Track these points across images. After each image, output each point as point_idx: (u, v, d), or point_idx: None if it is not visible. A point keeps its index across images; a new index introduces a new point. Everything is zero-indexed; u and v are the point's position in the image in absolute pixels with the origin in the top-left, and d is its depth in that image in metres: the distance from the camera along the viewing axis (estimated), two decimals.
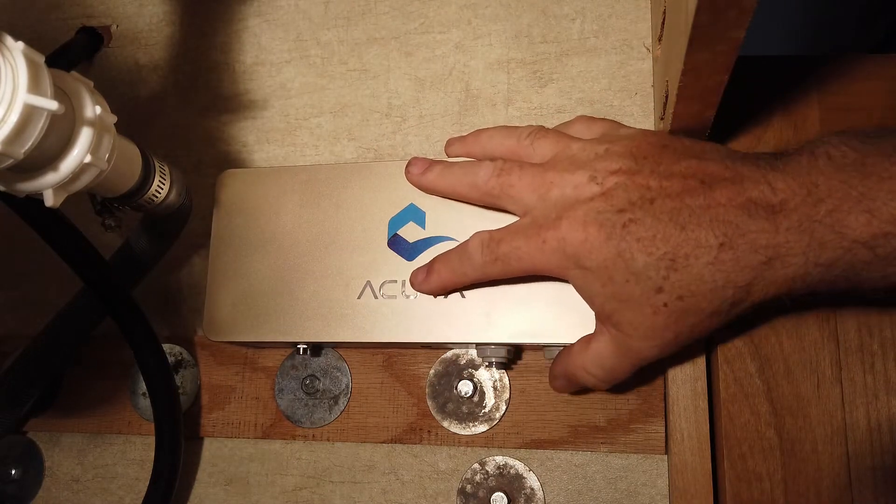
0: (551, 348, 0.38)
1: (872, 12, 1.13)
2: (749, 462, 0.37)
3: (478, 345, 0.38)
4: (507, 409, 0.40)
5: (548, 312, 0.37)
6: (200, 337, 0.45)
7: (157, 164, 0.39)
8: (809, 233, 0.29)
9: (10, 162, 0.28)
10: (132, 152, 0.37)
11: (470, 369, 0.41)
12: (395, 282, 0.39)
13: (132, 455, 0.45)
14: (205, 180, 0.46)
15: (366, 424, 0.42)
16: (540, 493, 0.39)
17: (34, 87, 0.27)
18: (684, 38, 0.28)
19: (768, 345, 0.38)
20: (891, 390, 0.36)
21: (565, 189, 0.33)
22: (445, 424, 0.41)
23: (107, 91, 0.35)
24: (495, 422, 0.40)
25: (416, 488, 0.41)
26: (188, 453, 0.44)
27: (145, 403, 0.44)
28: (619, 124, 0.37)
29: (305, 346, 0.40)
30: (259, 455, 0.43)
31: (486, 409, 0.40)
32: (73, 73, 0.33)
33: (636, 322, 0.32)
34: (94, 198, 0.38)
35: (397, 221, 0.39)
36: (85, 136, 0.31)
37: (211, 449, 0.44)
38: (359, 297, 0.39)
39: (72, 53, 0.48)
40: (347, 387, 0.42)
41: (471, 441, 0.40)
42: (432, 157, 0.40)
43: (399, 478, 0.41)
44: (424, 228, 0.39)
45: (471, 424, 0.40)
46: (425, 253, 0.39)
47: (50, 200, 0.31)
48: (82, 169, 0.31)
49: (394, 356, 0.42)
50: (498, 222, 0.37)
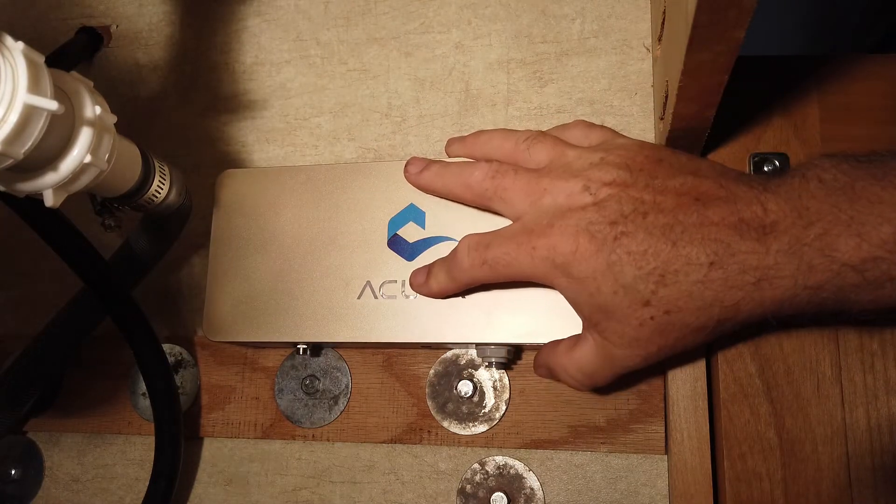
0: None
1: (872, 12, 1.13)
2: (749, 462, 0.37)
3: (478, 345, 0.38)
4: (506, 409, 0.40)
5: (548, 312, 0.37)
6: (200, 337, 0.45)
7: (157, 164, 0.39)
8: (799, 255, 0.29)
9: (10, 162, 0.28)
10: (132, 152, 0.37)
11: (470, 369, 0.41)
12: (395, 282, 0.39)
13: (132, 455, 0.45)
14: (205, 180, 0.46)
15: (366, 424, 0.42)
16: (540, 493, 0.39)
17: (34, 87, 0.27)
18: (684, 38, 0.28)
19: (768, 345, 0.38)
20: (891, 390, 0.36)
21: (558, 197, 0.33)
22: (445, 424, 0.41)
23: (107, 91, 0.35)
24: (495, 422, 0.40)
25: (416, 488, 0.41)
26: (188, 453, 0.44)
27: (145, 403, 0.44)
28: (617, 133, 0.37)
29: (305, 346, 0.40)
30: (259, 455, 0.43)
31: (486, 409, 0.40)
32: (73, 73, 0.33)
33: (621, 332, 0.32)
34: (94, 198, 0.38)
35: (397, 221, 0.39)
36: (85, 136, 0.31)
37: (211, 449, 0.44)
38: (359, 297, 0.39)
39: (72, 53, 0.48)
40: (347, 387, 0.42)
41: (471, 441, 0.40)
42: (432, 157, 0.40)
43: (399, 478, 0.41)
44: (424, 228, 0.39)
45: (471, 424, 0.40)
46: (425, 253, 0.39)
47: (50, 200, 0.31)
48: (82, 169, 0.31)
49: (394, 356, 0.42)
50: (498, 223, 0.37)
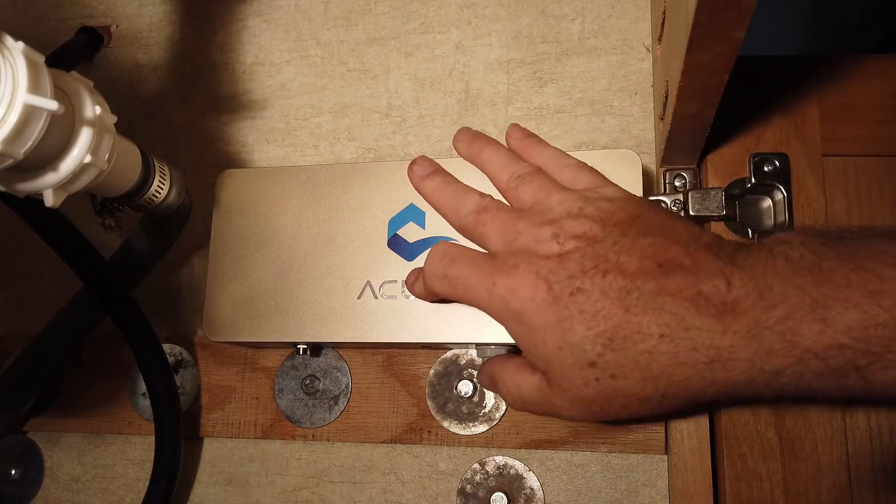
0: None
1: (872, 12, 1.13)
2: (749, 462, 0.37)
3: (478, 345, 0.38)
4: (506, 409, 0.40)
5: None
6: (200, 337, 0.45)
7: (157, 164, 0.39)
8: (759, 339, 0.27)
9: (10, 162, 0.28)
10: (132, 152, 0.37)
11: (470, 369, 0.41)
12: (395, 282, 0.39)
13: (132, 455, 0.45)
14: (205, 180, 0.46)
15: (366, 424, 0.42)
16: (540, 493, 0.39)
17: (34, 87, 0.27)
18: (684, 38, 0.28)
19: None
20: None
21: (529, 241, 0.33)
22: (445, 424, 0.41)
23: (107, 91, 0.35)
24: (495, 422, 0.40)
25: (416, 488, 0.41)
26: (188, 453, 0.44)
27: (145, 403, 0.44)
28: (606, 180, 0.36)
29: (305, 346, 0.40)
30: (259, 455, 0.43)
31: (486, 409, 0.40)
32: (73, 73, 0.33)
33: (565, 387, 0.31)
34: (94, 198, 0.38)
35: (397, 221, 0.39)
36: (85, 136, 0.31)
37: (211, 449, 0.44)
38: (359, 298, 0.39)
39: (72, 53, 0.48)
40: (347, 387, 0.42)
41: (471, 441, 0.40)
42: (432, 156, 0.40)
43: (399, 478, 0.41)
44: (424, 228, 0.39)
45: (471, 424, 0.40)
46: (425, 253, 0.39)
47: (50, 200, 0.31)
48: (82, 169, 0.31)
49: (394, 356, 0.42)
50: None
